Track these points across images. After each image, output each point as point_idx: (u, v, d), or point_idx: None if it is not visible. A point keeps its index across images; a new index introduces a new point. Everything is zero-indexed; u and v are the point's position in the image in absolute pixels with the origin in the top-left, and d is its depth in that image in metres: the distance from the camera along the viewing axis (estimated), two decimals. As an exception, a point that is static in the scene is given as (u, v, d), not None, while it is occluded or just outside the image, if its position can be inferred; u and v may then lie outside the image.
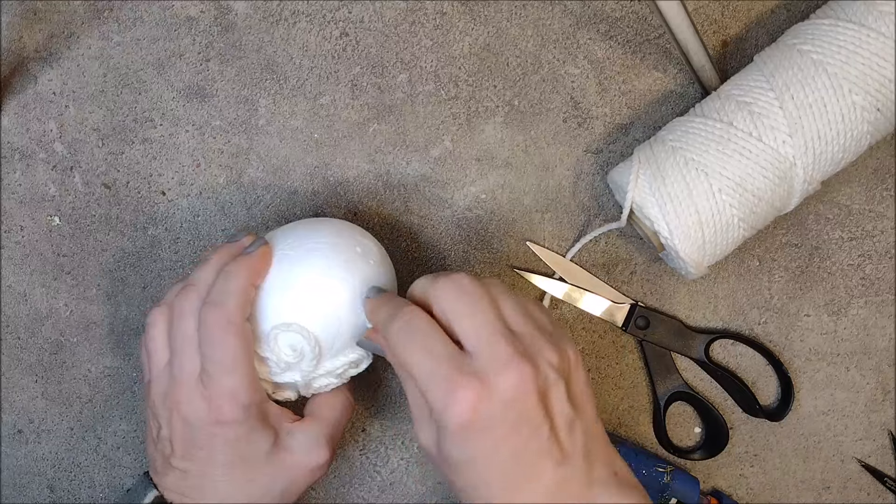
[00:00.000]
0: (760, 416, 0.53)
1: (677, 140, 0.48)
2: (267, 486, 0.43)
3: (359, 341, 0.44)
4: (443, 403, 0.36)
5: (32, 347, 0.54)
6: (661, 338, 0.53)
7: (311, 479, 0.44)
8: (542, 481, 0.37)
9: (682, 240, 0.47)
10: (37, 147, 0.53)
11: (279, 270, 0.43)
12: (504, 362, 0.36)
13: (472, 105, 0.53)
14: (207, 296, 0.42)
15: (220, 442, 0.42)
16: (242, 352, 0.41)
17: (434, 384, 0.36)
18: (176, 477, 0.43)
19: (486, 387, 0.36)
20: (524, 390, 0.36)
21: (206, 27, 0.53)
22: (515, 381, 0.36)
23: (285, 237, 0.45)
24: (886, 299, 0.53)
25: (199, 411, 0.41)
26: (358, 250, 0.44)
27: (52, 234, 0.54)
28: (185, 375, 0.42)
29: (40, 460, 0.54)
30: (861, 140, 0.47)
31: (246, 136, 0.53)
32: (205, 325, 0.41)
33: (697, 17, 0.53)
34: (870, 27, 0.45)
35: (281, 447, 0.43)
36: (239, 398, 0.41)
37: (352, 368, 0.45)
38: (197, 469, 0.42)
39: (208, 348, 0.41)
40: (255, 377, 0.42)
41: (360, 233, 0.46)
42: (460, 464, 0.37)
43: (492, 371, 0.36)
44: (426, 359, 0.37)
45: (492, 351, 0.37)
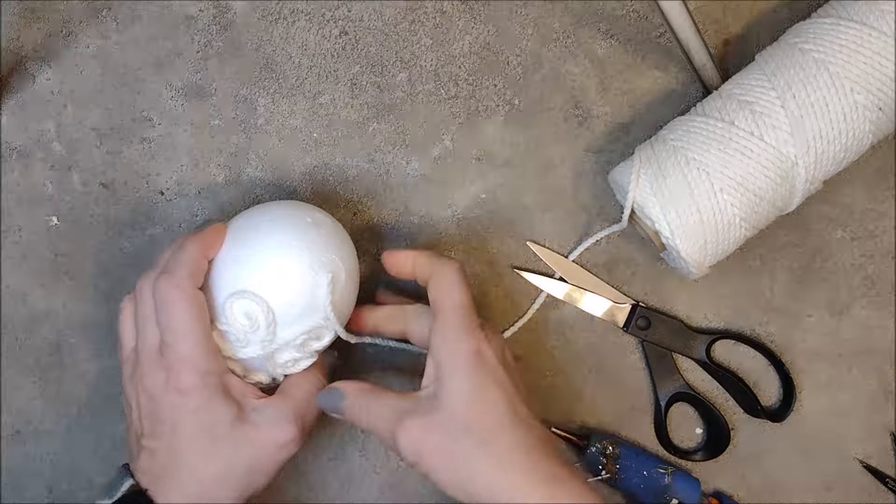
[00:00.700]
0: (762, 417, 0.53)
1: (678, 139, 0.48)
2: (231, 460, 0.42)
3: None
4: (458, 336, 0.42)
5: (31, 348, 0.54)
6: (662, 338, 0.53)
7: (278, 457, 0.43)
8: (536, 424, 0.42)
9: (684, 239, 0.47)
10: (35, 146, 0.53)
11: (232, 243, 0.45)
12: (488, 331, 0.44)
13: (472, 104, 0.53)
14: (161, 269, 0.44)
15: (181, 413, 0.42)
16: (194, 318, 0.42)
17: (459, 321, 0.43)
18: (146, 457, 0.43)
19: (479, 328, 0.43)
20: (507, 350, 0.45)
21: (205, 26, 0.53)
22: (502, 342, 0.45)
23: (241, 215, 0.47)
24: (888, 299, 0.53)
25: (159, 382, 0.42)
26: (308, 220, 0.45)
27: (51, 234, 0.53)
28: (147, 348, 0.43)
29: (38, 461, 0.54)
30: (863, 139, 0.46)
31: (245, 136, 0.53)
32: (157, 294, 0.43)
33: (699, 16, 0.53)
34: (871, 26, 0.45)
35: (245, 420, 0.43)
36: (195, 364, 0.42)
37: (313, 340, 0.45)
38: (164, 446, 0.42)
39: (162, 316, 0.43)
40: (211, 345, 0.43)
41: (312, 208, 0.47)
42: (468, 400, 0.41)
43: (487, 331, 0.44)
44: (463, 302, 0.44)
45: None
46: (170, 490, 0.42)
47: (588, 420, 0.54)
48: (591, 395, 0.54)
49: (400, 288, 0.52)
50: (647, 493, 0.51)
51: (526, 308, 0.53)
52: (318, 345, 0.46)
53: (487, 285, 0.53)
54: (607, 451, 0.51)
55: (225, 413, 0.42)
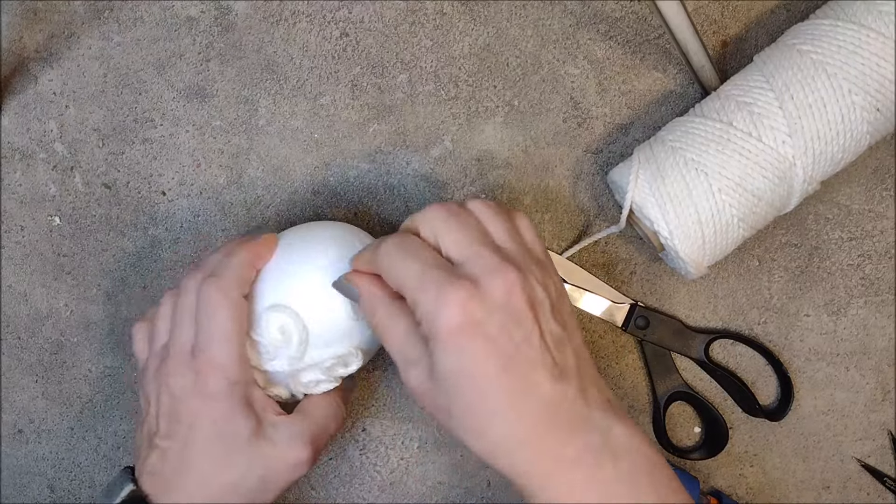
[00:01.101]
0: (760, 416, 0.53)
1: (677, 140, 0.48)
2: (243, 473, 0.42)
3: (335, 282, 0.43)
4: (434, 306, 0.36)
5: (33, 347, 0.54)
6: (660, 338, 0.53)
7: (289, 476, 0.43)
8: (540, 394, 0.36)
9: (682, 240, 0.47)
10: (37, 147, 0.53)
11: (280, 257, 0.45)
12: (492, 267, 0.37)
13: (472, 105, 0.53)
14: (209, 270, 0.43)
15: (201, 418, 0.41)
16: (234, 326, 0.42)
17: (425, 289, 0.36)
18: (157, 457, 0.42)
19: (476, 288, 0.36)
20: (513, 293, 0.36)
21: (207, 27, 0.53)
22: (504, 284, 0.36)
23: (293, 229, 0.47)
24: (886, 299, 0.53)
25: (186, 382, 0.42)
26: (359, 246, 0.45)
27: (53, 234, 0.54)
28: (179, 346, 0.43)
29: (40, 460, 0.54)
30: (861, 140, 0.47)
31: (246, 137, 0.54)
32: (202, 296, 0.42)
33: (697, 18, 0.53)
34: (870, 27, 0.45)
35: (262, 436, 0.42)
36: (226, 372, 0.41)
37: (340, 366, 0.45)
38: (177, 448, 0.42)
39: (203, 318, 0.42)
40: (244, 356, 0.42)
41: (364, 234, 0.47)
42: (455, 379, 0.36)
43: (481, 274, 0.36)
44: (417, 266, 0.37)
45: (480, 258, 0.37)
46: (176, 493, 0.41)
47: (587, 419, 0.54)
48: (590, 395, 0.54)
49: None
50: (645, 491, 0.51)
51: (525, 308, 0.54)
52: (344, 371, 0.45)
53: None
54: (606, 450, 0.52)
55: (244, 425, 0.42)
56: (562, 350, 0.38)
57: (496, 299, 0.36)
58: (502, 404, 0.36)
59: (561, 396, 0.36)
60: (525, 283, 0.37)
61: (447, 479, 0.54)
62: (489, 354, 0.36)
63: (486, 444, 0.37)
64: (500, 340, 0.36)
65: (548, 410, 0.36)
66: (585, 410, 0.37)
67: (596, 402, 0.37)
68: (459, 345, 0.36)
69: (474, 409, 0.36)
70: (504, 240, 0.39)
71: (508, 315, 0.36)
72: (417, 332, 0.38)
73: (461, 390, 0.36)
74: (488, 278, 0.36)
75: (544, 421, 0.36)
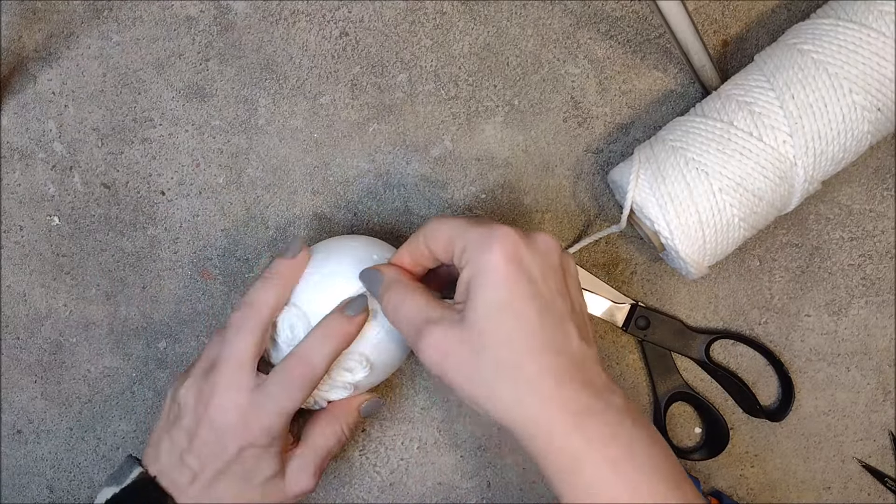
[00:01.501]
0: (761, 417, 0.53)
1: (678, 140, 0.48)
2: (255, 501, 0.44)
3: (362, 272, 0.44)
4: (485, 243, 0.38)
5: (32, 347, 0.54)
6: (661, 338, 0.53)
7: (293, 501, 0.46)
8: (571, 347, 0.38)
9: (683, 240, 0.47)
10: (36, 147, 0.53)
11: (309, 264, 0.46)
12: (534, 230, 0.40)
13: (472, 105, 0.53)
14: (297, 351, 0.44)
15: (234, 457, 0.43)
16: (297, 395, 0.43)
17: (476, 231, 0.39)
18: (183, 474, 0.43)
19: (524, 233, 0.39)
20: (552, 249, 0.40)
21: (206, 27, 0.53)
22: (546, 240, 0.40)
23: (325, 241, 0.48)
24: (887, 299, 0.53)
25: (233, 425, 0.43)
26: (374, 257, 0.46)
27: (52, 234, 0.54)
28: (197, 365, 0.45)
29: (40, 460, 0.54)
30: (861, 140, 0.47)
31: (245, 136, 0.53)
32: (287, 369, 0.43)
33: (698, 17, 0.53)
34: (870, 27, 0.45)
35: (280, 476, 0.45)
36: (272, 429, 0.43)
37: (345, 370, 0.45)
38: (199, 468, 0.43)
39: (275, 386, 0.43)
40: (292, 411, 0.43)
41: (384, 247, 0.47)
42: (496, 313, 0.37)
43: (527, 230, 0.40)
44: (466, 220, 0.40)
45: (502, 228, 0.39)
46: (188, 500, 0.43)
47: (587, 419, 0.54)
48: (590, 395, 0.54)
49: None
50: (646, 492, 0.51)
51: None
52: (351, 378, 0.45)
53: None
54: (607, 451, 0.52)
55: (269, 469, 0.44)
56: (583, 319, 0.40)
57: (539, 250, 0.39)
58: (538, 343, 0.37)
59: (586, 356, 0.38)
60: (560, 248, 0.40)
61: (447, 480, 0.54)
62: (531, 294, 0.37)
63: (513, 385, 0.37)
64: (540, 285, 0.38)
65: (577, 364, 0.38)
66: (605, 377, 0.39)
67: (611, 378, 0.39)
68: (507, 276, 0.37)
69: (509, 346, 0.37)
70: None
71: (548, 267, 0.39)
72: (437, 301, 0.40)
73: (501, 324, 0.37)
74: (535, 233, 0.40)
75: (574, 371, 0.37)
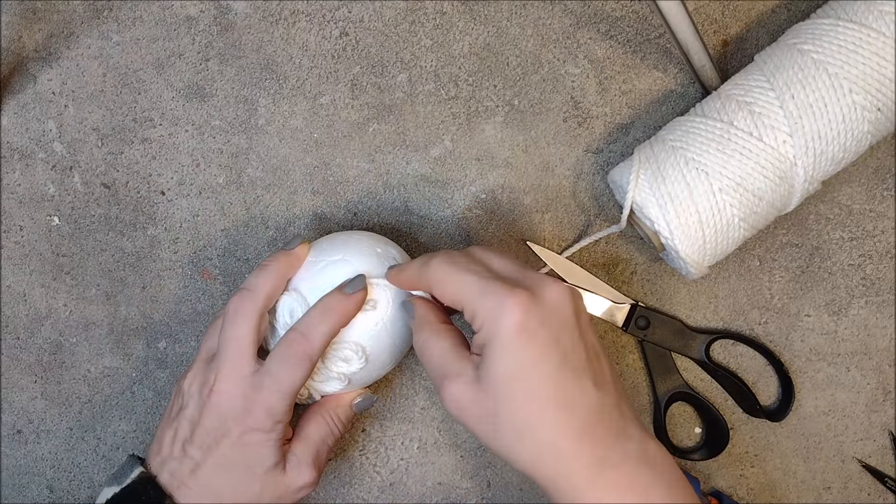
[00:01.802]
0: (761, 417, 0.53)
1: (678, 140, 0.48)
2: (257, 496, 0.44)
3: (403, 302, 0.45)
4: (497, 311, 0.38)
5: (32, 347, 0.54)
6: (661, 338, 0.53)
7: (297, 497, 0.45)
8: (587, 401, 0.38)
9: (683, 240, 0.47)
10: (36, 147, 0.53)
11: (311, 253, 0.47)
12: (543, 280, 0.40)
13: (472, 105, 0.53)
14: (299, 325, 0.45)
15: (239, 446, 0.43)
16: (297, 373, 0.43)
17: (486, 295, 0.39)
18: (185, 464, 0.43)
19: (534, 295, 0.39)
20: (564, 303, 0.39)
21: (206, 27, 0.53)
22: (557, 294, 0.39)
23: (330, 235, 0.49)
24: (887, 299, 0.53)
25: (236, 409, 0.43)
26: (378, 250, 0.46)
27: (52, 234, 0.54)
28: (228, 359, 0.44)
29: (40, 460, 0.54)
30: (862, 140, 0.47)
31: (245, 136, 0.53)
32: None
33: (698, 17, 0.53)
34: (870, 27, 0.45)
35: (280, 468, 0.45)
36: (273, 414, 0.43)
37: (340, 360, 0.45)
38: (201, 458, 0.43)
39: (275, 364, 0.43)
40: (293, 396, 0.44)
41: (390, 245, 0.48)
42: (510, 380, 0.38)
43: (534, 286, 0.39)
44: (474, 277, 0.40)
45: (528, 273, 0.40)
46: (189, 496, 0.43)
47: (587, 419, 0.54)
48: (590, 395, 0.54)
49: None
50: (646, 492, 0.51)
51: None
52: (346, 368, 0.46)
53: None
54: (607, 451, 0.52)
55: (270, 458, 0.44)
56: (599, 362, 0.40)
57: (550, 308, 0.39)
58: (552, 405, 0.38)
59: (602, 405, 0.39)
60: (574, 297, 0.40)
61: (447, 480, 0.54)
62: (544, 357, 0.38)
63: (532, 446, 0.38)
64: (553, 346, 0.38)
65: (592, 416, 0.38)
66: (622, 421, 0.39)
67: (629, 416, 0.40)
68: (519, 345, 0.38)
69: (526, 410, 0.38)
70: None
71: (560, 323, 0.39)
72: (460, 349, 0.41)
73: (514, 391, 0.38)
74: (542, 289, 0.39)
75: (589, 426, 0.38)
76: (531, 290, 0.39)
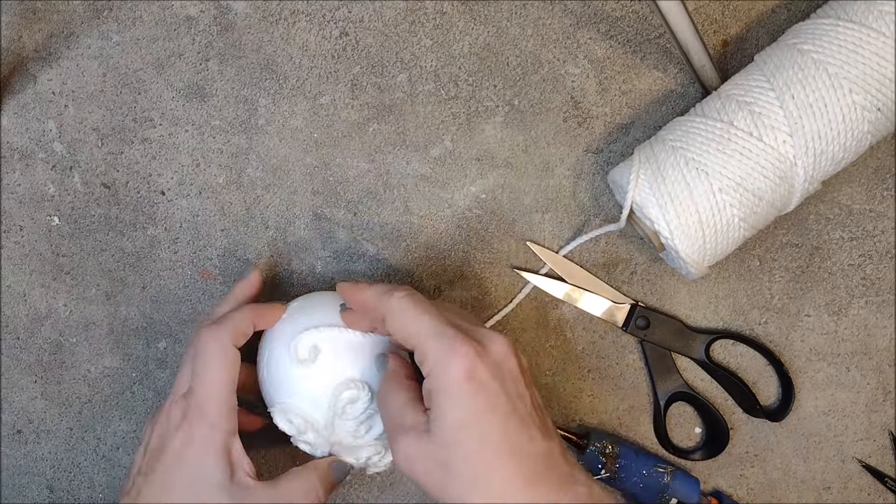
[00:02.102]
0: (761, 417, 0.53)
1: (678, 140, 0.48)
2: None
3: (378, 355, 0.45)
4: (446, 360, 0.39)
5: (32, 347, 0.54)
6: (661, 338, 0.53)
7: None
8: (536, 448, 0.39)
9: (683, 240, 0.47)
10: (36, 147, 0.53)
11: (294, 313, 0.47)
12: (491, 334, 0.41)
13: (472, 105, 0.53)
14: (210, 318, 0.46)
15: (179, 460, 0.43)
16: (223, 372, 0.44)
17: (438, 342, 0.40)
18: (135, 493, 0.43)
19: (482, 346, 0.40)
20: (510, 356, 0.41)
21: (206, 27, 0.53)
22: (504, 348, 0.41)
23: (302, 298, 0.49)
24: (887, 299, 0.53)
25: (172, 423, 0.43)
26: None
27: (52, 234, 0.54)
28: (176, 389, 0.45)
29: (40, 460, 0.54)
30: (862, 140, 0.47)
31: (245, 136, 0.53)
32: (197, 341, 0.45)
33: (698, 17, 0.53)
34: (870, 27, 0.45)
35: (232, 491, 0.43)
36: (207, 415, 0.43)
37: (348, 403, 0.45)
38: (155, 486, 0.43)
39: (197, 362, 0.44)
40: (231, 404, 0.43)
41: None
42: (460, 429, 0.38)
43: (483, 338, 0.41)
44: (429, 321, 0.40)
45: (478, 328, 0.42)
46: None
47: (587, 419, 0.54)
48: (590, 395, 0.54)
49: None
50: (646, 492, 0.51)
51: (527, 308, 0.54)
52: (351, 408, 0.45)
53: (487, 285, 0.54)
54: (607, 451, 0.52)
55: (217, 472, 0.43)
56: (542, 413, 0.41)
57: (497, 359, 0.40)
58: (504, 453, 0.38)
59: (550, 452, 0.40)
60: (517, 351, 0.42)
61: (447, 480, 0.54)
62: (493, 406, 0.39)
63: (485, 494, 0.38)
64: (501, 396, 0.39)
65: (542, 464, 0.39)
66: (569, 468, 0.40)
67: (573, 462, 0.41)
68: (469, 394, 0.39)
69: (477, 458, 0.38)
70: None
71: (507, 374, 0.40)
72: (416, 402, 0.41)
73: (465, 439, 0.38)
74: (490, 342, 0.40)
75: (540, 472, 0.39)
76: (480, 341, 0.40)
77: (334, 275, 0.54)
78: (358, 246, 0.54)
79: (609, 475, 0.51)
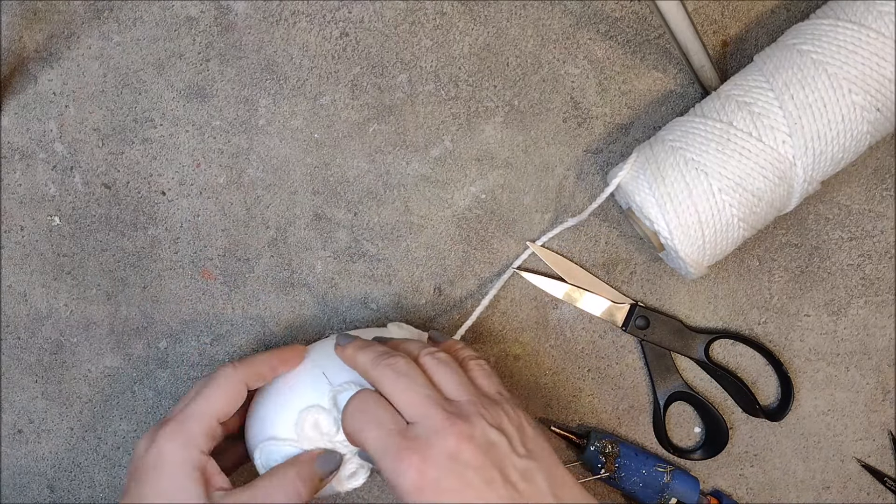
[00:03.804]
0: (760, 416, 0.53)
1: (677, 140, 0.48)
2: None
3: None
4: (394, 472, 0.39)
5: (32, 347, 0.54)
6: (661, 338, 0.53)
7: None
8: None
9: (682, 240, 0.47)
10: (37, 147, 0.53)
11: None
12: (439, 427, 0.39)
13: (472, 105, 0.53)
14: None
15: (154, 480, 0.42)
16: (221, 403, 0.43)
17: (384, 454, 0.39)
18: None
19: (428, 448, 0.39)
20: (463, 447, 0.39)
21: (206, 27, 0.53)
22: (454, 441, 0.39)
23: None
24: (886, 299, 0.53)
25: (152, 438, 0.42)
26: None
27: (53, 234, 0.54)
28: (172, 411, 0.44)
29: (40, 460, 0.54)
30: (861, 140, 0.47)
31: (246, 136, 0.53)
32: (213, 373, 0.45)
33: (697, 17, 0.53)
34: (869, 27, 0.45)
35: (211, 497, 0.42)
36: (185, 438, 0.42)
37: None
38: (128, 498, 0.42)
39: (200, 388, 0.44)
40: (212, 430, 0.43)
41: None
42: None
43: (430, 435, 0.39)
44: (374, 433, 0.40)
45: (427, 419, 0.40)
46: None
47: (587, 419, 0.54)
48: (590, 394, 0.54)
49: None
50: (646, 491, 0.51)
51: (527, 308, 0.54)
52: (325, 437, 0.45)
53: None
54: (606, 450, 0.52)
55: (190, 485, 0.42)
56: (530, 479, 0.39)
57: (448, 455, 0.38)
58: None
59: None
60: (473, 431, 0.39)
61: (447, 480, 0.54)
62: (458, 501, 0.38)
63: None
64: (459, 492, 0.38)
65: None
66: None
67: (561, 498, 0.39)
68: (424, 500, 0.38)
69: None
70: (453, 391, 0.42)
71: (464, 466, 0.38)
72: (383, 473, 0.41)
73: None
74: (437, 438, 0.39)
75: None
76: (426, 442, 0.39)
77: (334, 275, 0.54)
78: (358, 246, 0.54)
79: (609, 475, 0.51)
